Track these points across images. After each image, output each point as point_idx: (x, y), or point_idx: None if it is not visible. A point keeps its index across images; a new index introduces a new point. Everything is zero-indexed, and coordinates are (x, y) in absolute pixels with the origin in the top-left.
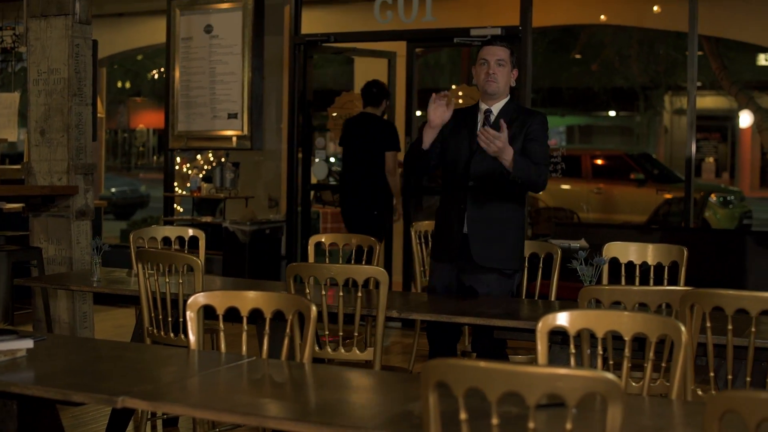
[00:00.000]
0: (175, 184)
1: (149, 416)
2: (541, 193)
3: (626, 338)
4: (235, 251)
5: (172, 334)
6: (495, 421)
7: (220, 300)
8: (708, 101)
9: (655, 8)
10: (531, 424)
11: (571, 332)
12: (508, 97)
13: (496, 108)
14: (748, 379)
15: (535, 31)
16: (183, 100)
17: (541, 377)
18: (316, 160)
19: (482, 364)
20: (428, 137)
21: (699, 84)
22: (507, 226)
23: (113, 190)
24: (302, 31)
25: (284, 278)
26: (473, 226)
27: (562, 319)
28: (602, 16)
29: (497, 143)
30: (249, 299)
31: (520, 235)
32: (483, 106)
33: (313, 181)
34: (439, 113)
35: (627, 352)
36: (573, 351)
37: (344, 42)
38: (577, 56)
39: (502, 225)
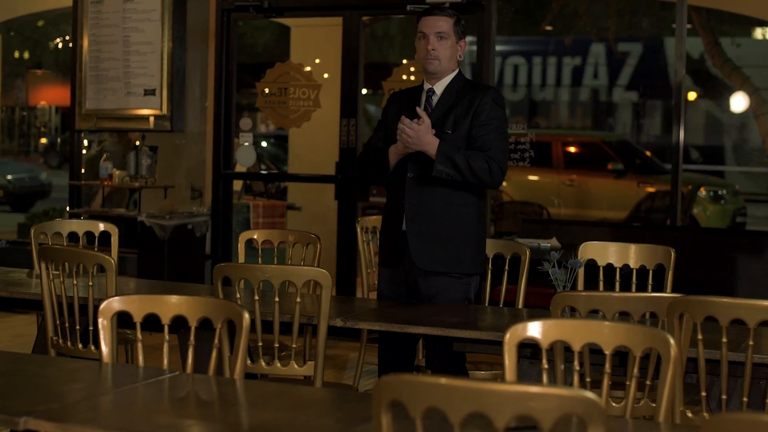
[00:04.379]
0: (83, 170)
1: None
2: (505, 185)
3: (607, 352)
4: (153, 249)
5: (80, 345)
6: None
7: (138, 305)
8: None
9: None
10: None
11: (543, 345)
12: (456, 73)
13: (439, 87)
14: (745, 399)
15: None
16: (92, 73)
17: (510, 396)
18: (244, 144)
19: (443, 380)
20: (394, 160)
21: None
22: (454, 223)
23: (9, 177)
24: None
25: (209, 281)
26: (412, 223)
27: (534, 329)
28: None
29: (407, 134)
30: (171, 305)
31: (473, 234)
32: (426, 86)
33: (240, 169)
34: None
35: (608, 367)
36: (546, 366)
37: (279, 8)
38: (548, 28)
39: (448, 223)
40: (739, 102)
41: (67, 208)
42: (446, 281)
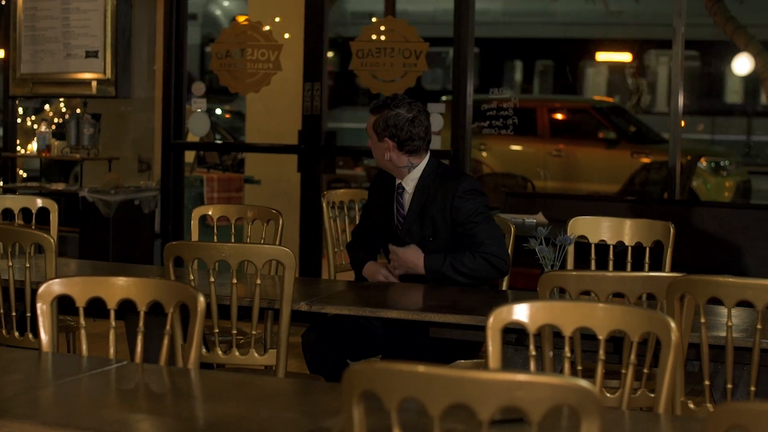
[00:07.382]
0: (17, 141)
1: None
2: (485, 155)
3: (601, 337)
4: (96, 227)
5: (16, 333)
6: None
7: (81, 288)
8: None
9: None
10: None
11: (530, 329)
12: (424, 164)
13: (408, 182)
14: (753, 388)
15: None
16: (27, 33)
17: (496, 385)
18: (197, 110)
19: (421, 369)
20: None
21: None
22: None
23: None
24: None
25: (159, 261)
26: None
27: (521, 312)
28: None
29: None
30: (118, 287)
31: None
32: (396, 180)
33: (192, 139)
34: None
35: (602, 354)
36: (533, 353)
37: None
38: None
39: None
40: (742, 64)
41: (0, 183)
42: None
